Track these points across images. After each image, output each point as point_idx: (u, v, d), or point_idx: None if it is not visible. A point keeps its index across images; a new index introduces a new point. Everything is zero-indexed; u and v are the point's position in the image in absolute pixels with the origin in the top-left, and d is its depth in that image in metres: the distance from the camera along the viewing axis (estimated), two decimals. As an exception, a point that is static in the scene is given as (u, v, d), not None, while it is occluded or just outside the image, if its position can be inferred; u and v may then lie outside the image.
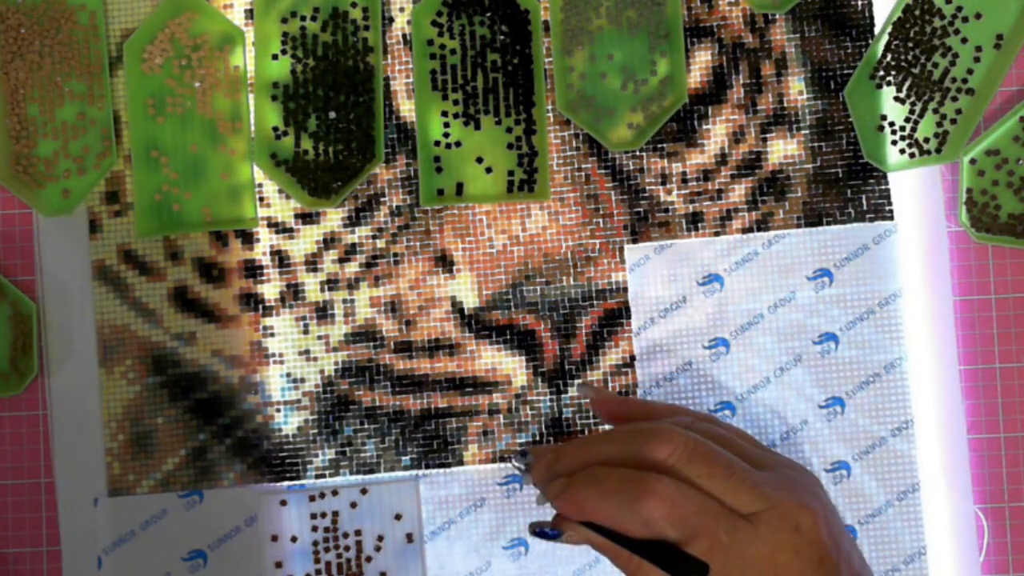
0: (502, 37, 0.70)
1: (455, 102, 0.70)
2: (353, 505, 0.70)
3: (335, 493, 0.70)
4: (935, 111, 0.70)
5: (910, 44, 0.70)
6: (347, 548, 0.70)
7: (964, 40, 0.70)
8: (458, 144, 0.70)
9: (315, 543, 0.70)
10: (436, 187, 0.70)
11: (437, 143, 0.70)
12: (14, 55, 0.71)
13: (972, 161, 0.69)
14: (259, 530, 0.70)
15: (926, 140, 0.70)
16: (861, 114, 0.70)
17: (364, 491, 0.70)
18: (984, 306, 0.70)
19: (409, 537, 0.70)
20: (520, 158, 0.70)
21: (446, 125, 0.70)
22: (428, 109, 0.70)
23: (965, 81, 0.70)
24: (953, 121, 0.70)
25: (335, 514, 0.70)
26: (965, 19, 0.70)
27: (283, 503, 0.70)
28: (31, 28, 0.71)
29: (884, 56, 0.70)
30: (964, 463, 0.69)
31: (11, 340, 0.71)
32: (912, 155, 0.70)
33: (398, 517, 0.70)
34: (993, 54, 0.70)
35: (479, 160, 0.70)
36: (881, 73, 0.70)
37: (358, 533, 0.70)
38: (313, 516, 0.70)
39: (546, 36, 0.70)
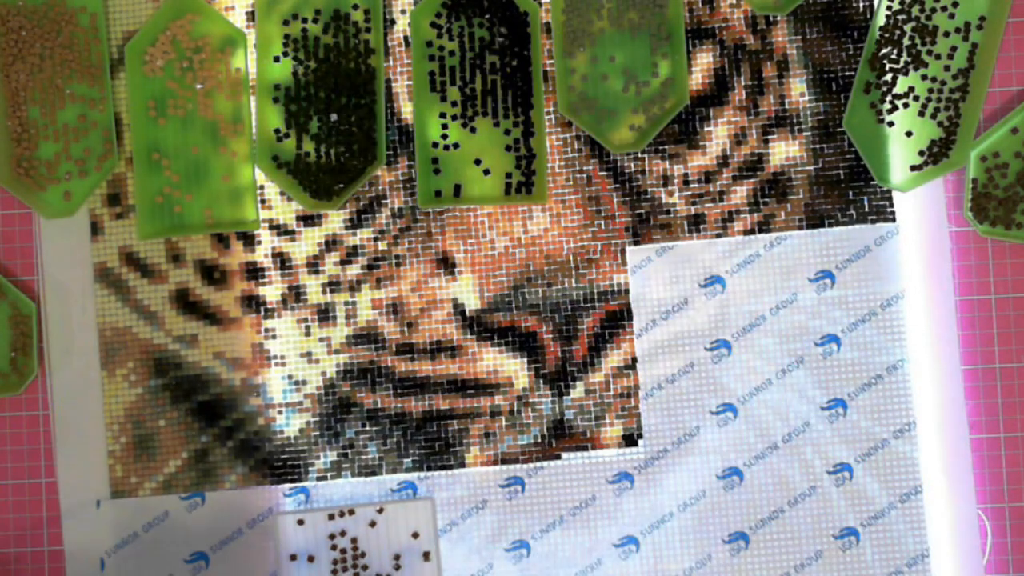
0: (501, 39, 0.70)
1: (453, 104, 0.70)
2: (372, 524, 0.70)
3: (352, 512, 0.70)
4: (933, 117, 0.70)
5: (896, 54, 0.70)
6: (365, 568, 0.70)
7: (947, 33, 0.70)
8: (456, 146, 0.70)
9: (334, 561, 0.70)
10: (434, 189, 0.70)
11: (435, 145, 0.70)
12: (15, 57, 0.71)
13: (983, 158, 0.69)
14: (275, 547, 0.70)
15: (931, 149, 0.70)
16: (863, 141, 0.70)
17: (380, 510, 0.70)
18: (984, 306, 0.70)
19: (426, 556, 0.70)
20: (518, 160, 0.70)
21: (444, 127, 0.70)
22: (426, 111, 0.70)
23: (956, 77, 0.70)
24: (954, 124, 0.70)
25: (354, 539, 0.70)
26: (944, 8, 0.70)
27: (300, 522, 0.70)
28: (32, 30, 0.71)
29: (875, 70, 0.70)
30: (967, 465, 0.69)
31: (11, 340, 0.71)
32: (921, 167, 0.70)
33: (415, 535, 0.70)
34: (979, 36, 0.70)
35: (477, 162, 0.70)
36: (877, 92, 0.70)
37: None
38: (332, 536, 0.70)
39: (547, 38, 0.70)
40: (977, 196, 0.69)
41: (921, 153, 0.70)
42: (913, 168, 0.70)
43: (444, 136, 0.70)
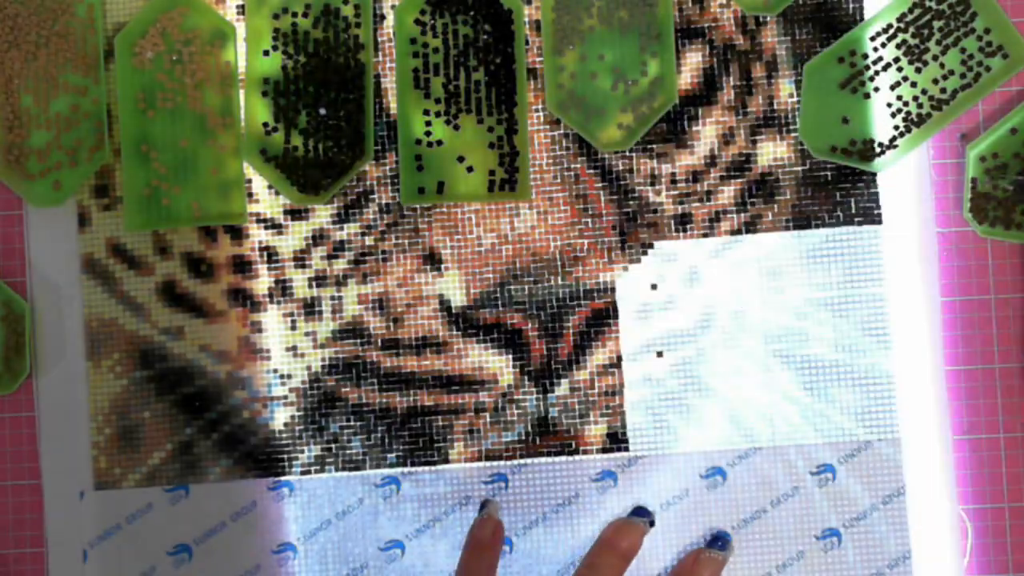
0: (485, 36, 0.70)
1: (437, 100, 0.70)
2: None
3: None
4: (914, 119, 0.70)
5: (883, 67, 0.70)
6: None
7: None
8: (439, 143, 0.70)
9: None
10: (417, 185, 0.70)
11: (419, 141, 0.70)
12: (10, 44, 0.71)
13: (982, 159, 0.69)
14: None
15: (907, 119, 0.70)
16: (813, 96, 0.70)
17: None
18: (983, 306, 0.70)
19: None
20: (501, 158, 0.70)
21: (428, 124, 0.70)
22: (410, 107, 0.70)
23: (944, 91, 0.70)
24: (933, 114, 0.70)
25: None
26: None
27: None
28: (28, 18, 0.71)
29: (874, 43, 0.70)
30: (950, 466, 0.69)
31: (4, 340, 0.71)
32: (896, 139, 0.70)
33: None
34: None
35: (460, 159, 0.70)
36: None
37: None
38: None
39: (537, 35, 0.70)
40: (976, 196, 0.69)
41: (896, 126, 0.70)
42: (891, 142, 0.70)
43: (428, 133, 0.70)
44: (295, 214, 0.71)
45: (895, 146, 0.69)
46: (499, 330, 0.70)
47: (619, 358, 0.70)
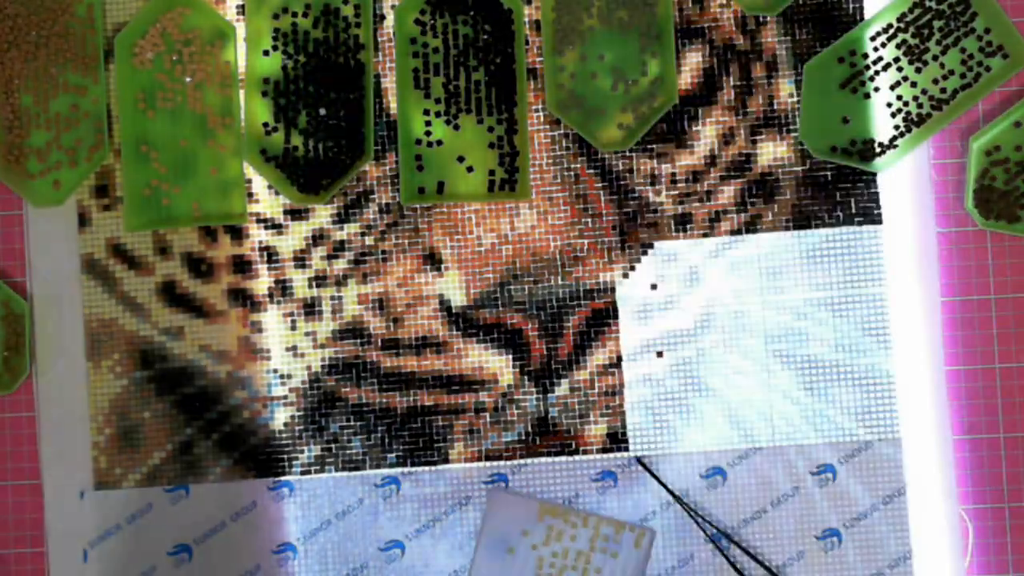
0: (485, 36, 0.70)
1: (437, 100, 0.70)
2: None
3: None
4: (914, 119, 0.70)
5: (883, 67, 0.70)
6: None
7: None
8: (439, 143, 0.70)
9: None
10: (417, 185, 0.70)
11: (419, 141, 0.70)
12: (10, 44, 0.71)
13: (986, 152, 0.69)
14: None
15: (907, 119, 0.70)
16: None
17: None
18: (983, 306, 0.70)
19: None
20: (501, 157, 0.70)
21: (428, 123, 0.70)
22: (410, 107, 0.70)
23: (944, 91, 0.70)
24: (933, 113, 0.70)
25: None
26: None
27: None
28: (27, 18, 0.71)
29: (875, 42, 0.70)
30: (950, 466, 0.69)
31: (4, 339, 0.71)
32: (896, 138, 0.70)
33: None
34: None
35: (460, 159, 0.70)
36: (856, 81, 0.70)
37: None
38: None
39: (537, 35, 0.70)
40: (980, 190, 0.69)
41: (896, 126, 0.70)
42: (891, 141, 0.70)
43: (428, 133, 0.70)
44: (295, 214, 0.71)
45: (895, 146, 0.69)
46: (499, 330, 0.70)
47: (619, 358, 0.70)
